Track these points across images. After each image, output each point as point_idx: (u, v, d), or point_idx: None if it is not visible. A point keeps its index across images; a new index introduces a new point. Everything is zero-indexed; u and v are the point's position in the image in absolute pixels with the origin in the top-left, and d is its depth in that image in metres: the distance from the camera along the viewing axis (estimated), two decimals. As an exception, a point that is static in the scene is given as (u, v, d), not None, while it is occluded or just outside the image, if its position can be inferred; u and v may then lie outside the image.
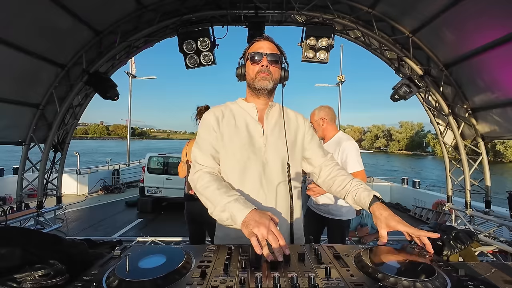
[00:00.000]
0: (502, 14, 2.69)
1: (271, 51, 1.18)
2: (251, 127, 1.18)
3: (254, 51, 1.19)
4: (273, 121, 1.22)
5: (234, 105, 1.26)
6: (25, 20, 2.84)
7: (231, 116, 1.20)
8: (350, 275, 0.69)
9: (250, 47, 1.22)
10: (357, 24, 3.95)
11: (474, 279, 0.66)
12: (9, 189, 8.55)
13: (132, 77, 16.74)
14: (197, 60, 3.95)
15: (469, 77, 3.65)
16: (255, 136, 1.17)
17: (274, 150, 1.16)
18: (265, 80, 1.17)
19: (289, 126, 1.25)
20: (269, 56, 1.16)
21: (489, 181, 4.08)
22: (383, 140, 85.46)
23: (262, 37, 1.22)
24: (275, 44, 1.21)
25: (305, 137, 1.29)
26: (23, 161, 3.99)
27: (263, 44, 1.19)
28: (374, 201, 1.03)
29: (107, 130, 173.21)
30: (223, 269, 0.71)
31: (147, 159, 8.58)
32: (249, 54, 1.20)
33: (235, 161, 1.14)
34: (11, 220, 3.42)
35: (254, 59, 1.18)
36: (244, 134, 1.16)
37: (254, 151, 1.14)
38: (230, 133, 1.16)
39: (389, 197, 10.33)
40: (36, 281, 0.66)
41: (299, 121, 1.30)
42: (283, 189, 1.16)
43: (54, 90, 3.80)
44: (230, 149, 1.14)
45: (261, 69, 1.17)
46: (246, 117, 1.21)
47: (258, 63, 1.17)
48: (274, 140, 1.18)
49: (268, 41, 1.20)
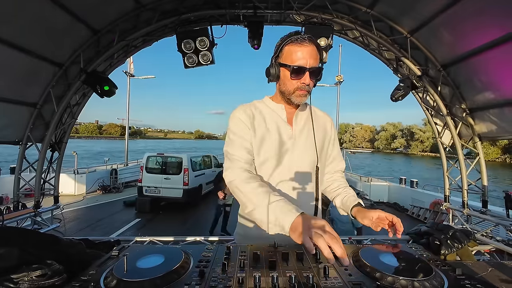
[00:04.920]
0: (499, 15, 2.71)
1: (314, 63, 1.05)
2: (281, 128, 1.15)
3: (296, 62, 1.05)
4: (302, 123, 1.19)
5: (262, 105, 1.22)
6: (22, 19, 2.82)
7: (260, 117, 1.17)
8: (348, 274, 0.69)
9: (289, 49, 1.07)
10: (355, 24, 3.96)
11: (471, 278, 0.67)
12: (6, 189, 8.49)
13: (130, 76, 16.68)
14: (196, 60, 3.94)
15: (466, 77, 3.67)
16: (284, 138, 1.14)
17: (303, 152, 1.14)
18: (303, 97, 1.10)
19: (318, 128, 1.21)
20: (311, 72, 1.06)
21: (486, 180, 4.11)
22: (402, 140, 74.27)
23: (305, 39, 1.05)
24: (316, 45, 1.08)
25: (330, 142, 1.28)
26: (20, 160, 3.96)
27: (306, 53, 1.05)
28: (357, 206, 1.13)
29: (98, 129, 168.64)
30: (222, 268, 0.71)
31: (145, 159, 8.56)
32: (289, 66, 1.06)
33: (263, 163, 1.12)
34: (8, 220, 3.39)
35: (295, 74, 1.06)
36: (274, 136, 1.13)
37: (283, 153, 1.12)
38: (261, 134, 1.13)
39: (387, 197, 10.35)
40: (33, 281, 0.66)
41: (327, 125, 1.27)
42: (310, 192, 1.15)
43: (51, 89, 3.78)
44: (261, 150, 1.12)
45: (301, 86, 1.08)
46: (275, 118, 1.17)
47: (298, 79, 1.07)
48: (302, 142, 1.15)
49: (311, 47, 1.06)
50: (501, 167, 42.26)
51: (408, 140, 73.32)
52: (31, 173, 4.20)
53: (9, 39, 2.88)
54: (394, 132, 77.82)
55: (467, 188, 4.25)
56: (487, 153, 49.49)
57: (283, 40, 1.10)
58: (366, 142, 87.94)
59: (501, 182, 24.12)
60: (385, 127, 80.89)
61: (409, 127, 74.25)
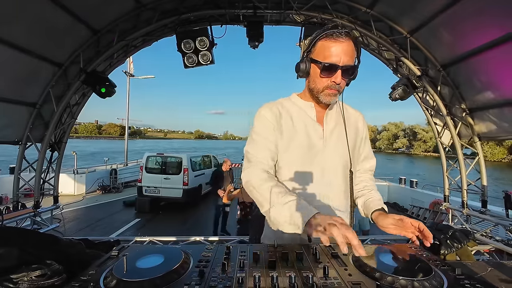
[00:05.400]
0: (499, 15, 2.71)
1: (347, 61, 0.97)
2: (309, 128, 1.08)
3: (328, 59, 0.97)
4: (333, 122, 1.12)
5: (289, 103, 1.14)
6: (22, 19, 2.82)
7: (288, 116, 1.10)
8: (348, 274, 0.69)
9: (322, 45, 0.99)
10: (355, 24, 3.96)
11: (470, 278, 0.67)
12: (5, 189, 8.48)
13: (130, 76, 16.67)
14: (196, 60, 3.94)
15: (466, 77, 3.67)
16: (314, 138, 1.07)
17: (335, 153, 1.08)
18: (332, 96, 1.04)
19: (349, 127, 1.13)
20: (344, 71, 0.98)
21: (485, 180, 4.11)
22: (405, 140, 72.30)
23: (341, 34, 0.96)
24: (353, 41, 0.99)
25: (362, 140, 1.20)
26: (19, 160, 3.96)
27: (341, 49, 0.96)
28: (379, 210, 1.06)
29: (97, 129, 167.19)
30: (221, 268, 0.71)
31: (145, 159, 8.55)
32: (320, 63, 0.99)
33: (292, 165, 1.07)
34: (8, 220, 3.39)
35: (326, 71, 0.99)
36: (302, 136, 1.07)
37: (313, 154, 1.06)
38: (288, 134, 1.07)
39: (387, 196, 10.36)
40: (33, 281, 0.66)
41: (359, 123, 1.20)
42: (343, 195, 1.09)
43: (51, 89, 3.77)
44: (288, 152, 1.07)
45: (331, 85, 1.01)
46: (304, 117, 1.10)
47: (329, 77, 1.00)
48: (334, 142, 1.09)
49: (347, 43, 0.97)
50: (507, 167, 41.35)
51: (410, 140, 71.46)
52: (30, 173, 4.20)
53: (9, 39, 2.88)
54: (396, 132, 75.53)
55: (466, 188, 4.26)
56: (493, 153, 48.87)
57: (318, 34, 1.01)
58: None
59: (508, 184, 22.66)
60: (387, 127, 78.68)
61: (411, 127, 72.42)
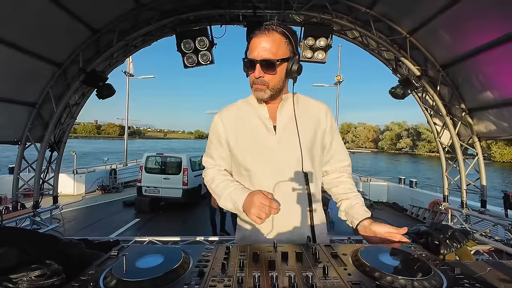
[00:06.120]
0: (499, 15, 2.71)
1: (265, 55, 0.96)
2: (261, 126, 1.07)
3: (250, 55, 1.00)
4: (286, 117, 1.08)
5: (245, 104, 1.15)
6: (22, 18, 2.81)
7: (241, 118, 1.11)
8: (348, 274, 0.69)
9: (251, 41, 1.02)
10: (355, 24, 3.96)
11: (469, 278, 0.67)
12: (5, 189, 8.46)
13: (130, 76, 16.66)
14: (195, 60, 3.94)
15: (465, 77, 3.68)
16: (266, 137, 1.06)
17: (288, 150, 1.04)
18: (260, 92, 1.02)
19: (308, 119, 1.10)
20: (262, 64, 0.97)
21: (484, 180, 4.12)
22: (408, 140, 70.52)
23: (265, 28, 0.98)
24: (281, 32, 0.98)
25: (326, 133, 1.13)
26: (19, 160, 3.95)
27: (259, 43, 0.98)
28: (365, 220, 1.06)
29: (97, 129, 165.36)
30: (221, 268, 0.71)
31: (145, 159, 8.55)
32: (245, 59, 1.03)
33: (246, 165, 1.07)
34: (7, 220, 3.39)
35: (247, 67, 1.01)
36: (255, 135, 1.07)
37: (266, 152, 1.05)
38: (241, 137, 1.08)
39: (386, 196, 10.38)
40: (32, 281, 0.66)
41: (320, 114, 1.12)
42: (300, 192, 1.06)
43: (50, 89, 3.77)
44: (242, 153, 1.08)
45: (255, 80, 1.01)
46: (257, 116, 1.09)
47: (252, 72, 1.01)
48: (287, 138, 1.05)
49: (266, 36, 0.97)
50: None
51: (414, 140, 69.97)
52: (30, 173, 4.20)
53: (8, 39, 2.88)
54: (399, 132, 74.49)
55: (466, 188, 4.27)
56: (503, 153, 48.04)
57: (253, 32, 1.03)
58: (369, 142, 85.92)
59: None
60: (390, 127, 78.04)
61: (415, 126, 70.61)
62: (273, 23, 0.99)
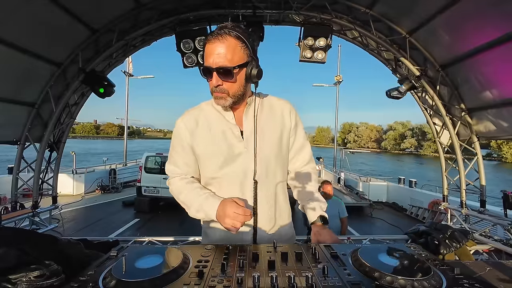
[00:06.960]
0: (498, 15, 2.72)
1: (221, 63, 0.91)
2: (228, 132, 1.03)
3: (205, 62, 0.95)
4: (253, 121, 1.05)
5: (208, 107, 1.09)
6: (21, 18, 2.81)
7: (205, 122, 1.05)
8: (347, 274, 0.69)
9: (206, 47, 0.95)
10: (354, 24, 3.97)
11: (469, 278, 0.67)
12: (4, 189, 8.42)
13: (129, 76, 16.63)
14: (195, 60, 3.93)
15: (465, 77, 3.68)
16: (235, 142, 1.03)
17: (257, 154, 1.03)
18: (221, 99, 0.98)
19: (274, 120, 1.08)
20: (219, 72, 0.93)
21: (484, 180, 4.12)
22: (413, 140, 68.63)
23: (218, 34, 0.92)
24: (236, 37, 0.92)
25: (290, 134, 1.13)
26: (18, 160, 3.94)
27: (213, 50, 0.92)
28: (318, 221, 1.08)
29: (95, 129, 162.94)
30: (221, 269, 0.71)
31: (144, 159, 8.54)
32: (201, 67, 0.98)
33: (214, 172, 1.05)
34: (6, 220, 3.38)
35: (205, 76, 0.98)
36: (221, 141, 1.03)
37: (234, 158, 1.03)
38: (206, 143, 1.04)
39: (386, 196, 10.38)
40: (31, 282, 0.65)
41: (284, 113, 1.11)
42: (269, 194, 1.06)
43: (49, 88, 3.76)
44: (209, 160, 1.05)
45: (213, 89, 0.97)
46: (222, 121, 1.05)
47: (210, 80, 0.97)
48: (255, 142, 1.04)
49: (219, 41, 0.91)
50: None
51: (419, 140, 68.03)
52: (29, 173, 4.19)
53: (7, 38, 2.87)
54: (403, 132, 72.22)
55: (465, 188, 4.27)
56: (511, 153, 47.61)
57: (207, 36, 0.98)
58: (372, 142, 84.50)
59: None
60: (393, 126, 75.94)
61: (420, 126, 67.87)
62: (226, 26, 0.94)
